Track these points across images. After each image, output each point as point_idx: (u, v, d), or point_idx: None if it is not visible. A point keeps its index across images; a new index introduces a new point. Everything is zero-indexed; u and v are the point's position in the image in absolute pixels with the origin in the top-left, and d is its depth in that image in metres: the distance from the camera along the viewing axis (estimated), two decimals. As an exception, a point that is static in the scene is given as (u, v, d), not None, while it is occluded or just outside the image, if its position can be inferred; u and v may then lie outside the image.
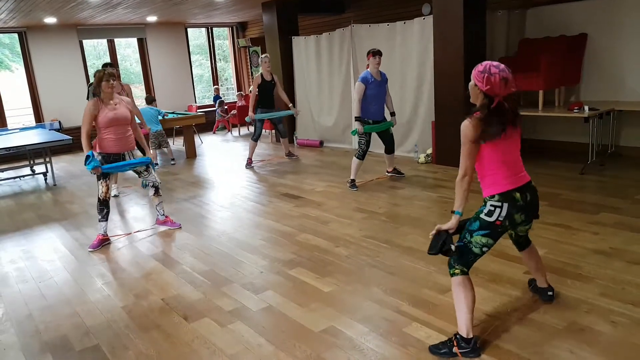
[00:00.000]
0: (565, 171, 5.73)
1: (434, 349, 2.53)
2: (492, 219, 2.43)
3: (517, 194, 2.43)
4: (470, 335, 2.45)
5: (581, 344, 2.48)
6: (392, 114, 5.91)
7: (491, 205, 2.44)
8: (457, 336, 2.48)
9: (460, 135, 2.39)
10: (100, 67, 4.80)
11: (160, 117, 8.17)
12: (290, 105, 7.59)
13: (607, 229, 3.94)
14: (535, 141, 6.94)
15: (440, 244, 2.42)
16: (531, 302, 2.91)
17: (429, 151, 6.80)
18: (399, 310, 2.95)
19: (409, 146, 7.28)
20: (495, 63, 2.37)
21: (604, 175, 5.47)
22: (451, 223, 2.46)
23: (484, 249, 2.47)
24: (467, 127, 2.36)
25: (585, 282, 3.11)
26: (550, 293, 2.91)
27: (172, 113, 8.88)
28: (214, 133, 11.57)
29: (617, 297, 2.89)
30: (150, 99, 8.32)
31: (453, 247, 2.42)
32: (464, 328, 2.46)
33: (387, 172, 6.17)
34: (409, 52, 6.94)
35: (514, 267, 3.36)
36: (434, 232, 2.48)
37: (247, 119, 7.43)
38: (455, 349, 2.46)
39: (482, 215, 2.45)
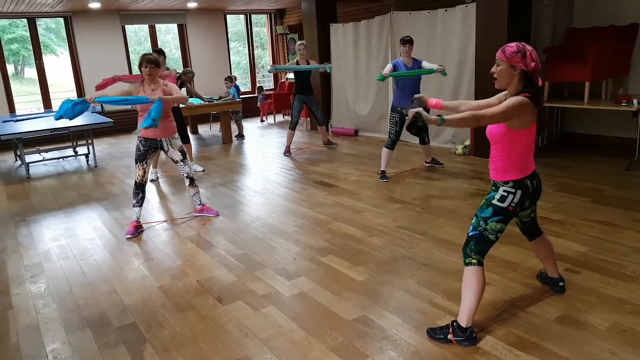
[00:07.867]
0: (610, 167, 5.52)
1: (430, 332, 2.55)
2: (505, 205, 2.45)
3: (528, 182, 2.46)
4: (469, 325, 2.45)
5: (623, 345, 2.39)
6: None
7: (504, 191, 2.45)
8: (455, 324, 2.48)
9: (510, 104, 2.26)
10: (144, 53, 4.83)
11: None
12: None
13: (654, 228, 3.78)
14: (580, 135, 6.70)
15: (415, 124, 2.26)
16: (573, 300, 2.82)
17: (467, 142, 6.66)
18: (432, 302, 2.92)
19: (447, 137, 7.15)
20: (520, 43, 2.33)
21: (652, 172, 5.25)
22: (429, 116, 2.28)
23: (499, 234, 2.48)
24: (526, 104, 2.27)
25: (629, 281, 2.99)
26: (561, 284, 2.89)
27: (211, 99, 8.94)
28: (262, 122, 11.48)
29: (663, 298, 2.78)
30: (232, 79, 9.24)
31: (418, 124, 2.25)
32: (464, 317, 2.45)
33: (426, 162, 6.07)
34: (449, 40, 6.78)
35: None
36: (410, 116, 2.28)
37: (268, 69, 7.16)
38: (450, 336, 2.47)
39: (495, 202, 2.47)
